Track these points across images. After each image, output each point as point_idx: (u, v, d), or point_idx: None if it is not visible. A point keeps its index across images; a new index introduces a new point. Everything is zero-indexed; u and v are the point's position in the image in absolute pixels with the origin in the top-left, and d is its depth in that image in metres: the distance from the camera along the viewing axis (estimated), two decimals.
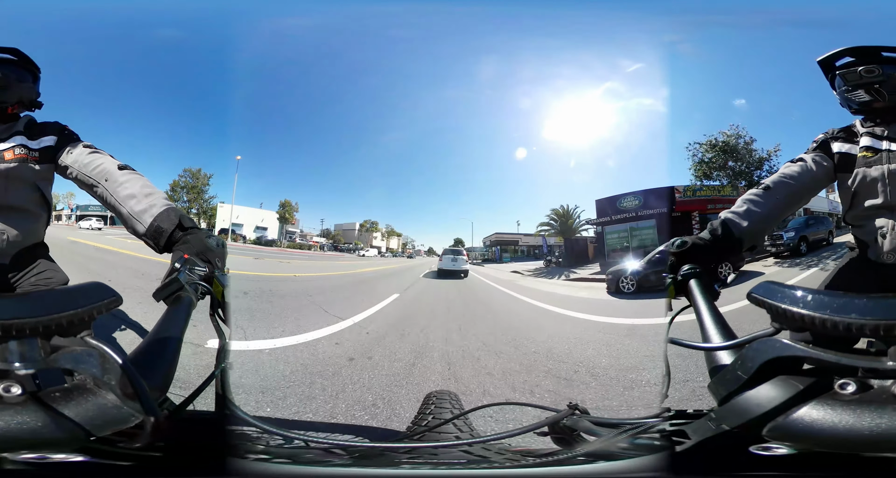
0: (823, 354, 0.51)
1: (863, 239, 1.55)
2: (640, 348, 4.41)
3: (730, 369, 0.60)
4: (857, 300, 0.49)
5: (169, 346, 0.67)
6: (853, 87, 1.48)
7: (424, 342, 4.55)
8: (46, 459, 0.51)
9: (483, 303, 8.87)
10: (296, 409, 2.56)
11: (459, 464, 0.78)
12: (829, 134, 1.57)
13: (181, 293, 0.84)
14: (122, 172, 1.36)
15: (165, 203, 1.23)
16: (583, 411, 0.92)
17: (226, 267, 1.05)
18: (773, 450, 0.55)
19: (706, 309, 0.85)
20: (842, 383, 0.50)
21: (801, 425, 0.49)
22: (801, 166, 1.49)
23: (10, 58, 1.53)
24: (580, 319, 6.52)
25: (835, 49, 1.51)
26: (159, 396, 0.61)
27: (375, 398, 2.81)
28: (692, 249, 1.10)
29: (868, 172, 1.47)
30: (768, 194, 1.39)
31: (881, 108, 1.48)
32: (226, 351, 0.82)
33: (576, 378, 3.44)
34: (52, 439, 0.46)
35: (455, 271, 15.76)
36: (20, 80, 1.55)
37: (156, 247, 1.16)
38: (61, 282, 1.61)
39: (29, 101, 1.60)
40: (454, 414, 1.26)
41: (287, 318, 5.28)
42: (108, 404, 0.50)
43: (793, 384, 0.52)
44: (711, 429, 0.60)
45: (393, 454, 0.80)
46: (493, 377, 3.43)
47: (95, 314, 0.54)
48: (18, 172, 1.49)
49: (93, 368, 0.51)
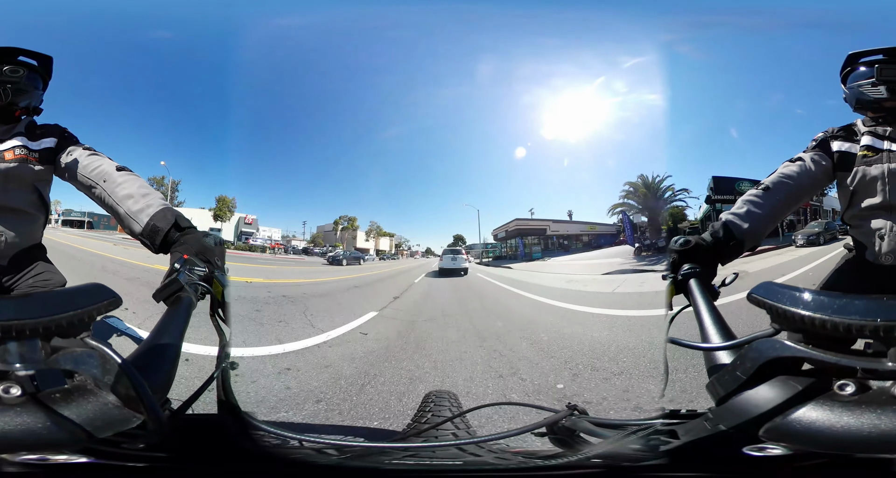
0: (823, 355, 0.51)
1: (860, 240, 1.55)
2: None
3: (729, 369, 0.60)
4: (857, 301, 0.50)
5: (169, 347, 0.67)
6: (881, 82, 1.48)
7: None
8: (47, 460, 0.50)
9: None
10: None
11: (456, 464, 0.78)
12: (829, 133, 1.57)
13: (181, 294, 0.83)
14: (120, 173, 1.36)
15: (162, 203, 1.23)
16: (582, 411, 0.92)
17: (225, 266, 1.05)
18: (769, 451, 0.55)
19: (706, 309, 0.85)
20: (841, 383, 0.50)
21: (800, 426, 0.49)
22: (800, 166, 1.49)
23: (33, 63, 1.55)
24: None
25: (869, 47, 1.53)
26: (160, 397, 0.61)
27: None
28: (694, 248, 1.10)
29: (868, 171, 1.47)
30: (768, 195, 1.38)
31: (891, 107, 1.48)
32: (226, 352, 0.82)
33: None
34: (53, 440, 0.46)
35: (455, 269, 16.09)
36: (36, 87, 1.57)
37: (152, 247, 1.16)
38: (59, 283, 1.61)
39: (34, 107, 1.61)
40: (452, 414, 1.26)
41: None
42: (109, 404, 0.49)
43: (792, 385, 0.52)
44: (707, 429, 0.61)
45: (391, 454, 0.80)
46: None
47: (95, 315, 0.54)
48: (18, 172, 1.49)
49: (93, 368, 0.51)
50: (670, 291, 1.03)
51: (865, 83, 1.51)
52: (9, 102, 1.49)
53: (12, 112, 1.54)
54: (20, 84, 1.50)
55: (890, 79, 1.46)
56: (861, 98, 1.53)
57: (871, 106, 1.52)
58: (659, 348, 3.70)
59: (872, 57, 1.51)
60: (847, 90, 1.58)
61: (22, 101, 1.53)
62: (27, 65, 1.53)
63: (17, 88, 1.49)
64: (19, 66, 1.51)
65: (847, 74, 1.58)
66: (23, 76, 1.50)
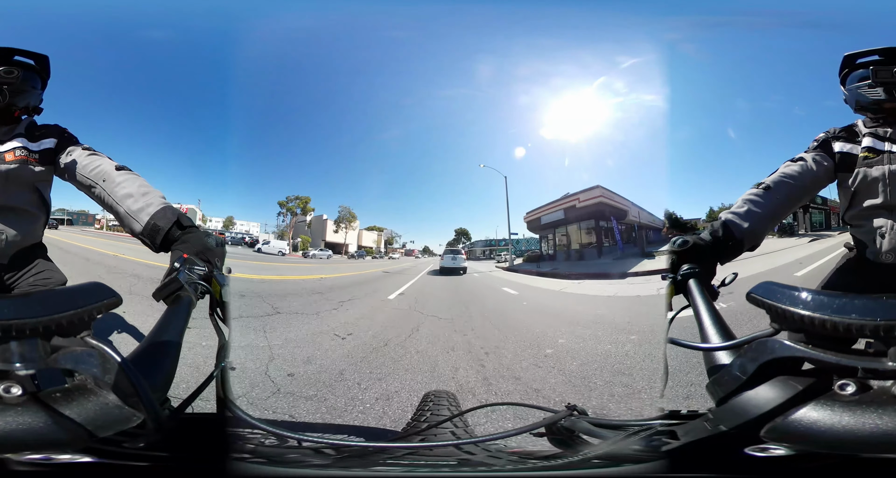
0: (823, 355, 0.51)
1: (861, 239, 1.56)
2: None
3: (728, 369, 0.60)
4: (857, 301, 0.50)
5: (169, 346, 0.67)
6: (877, 83, 1.48)
7: None
8: (51, 460, 0.50)
9: None
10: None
11: (455, 464, 0.78)
12: (830, 133, 1.57)
13: (181, 293, 0.84)
14: (120, 173, 1.36)
15: (162, 202, 1.22)
16: (581, 411, 0.92)
17: (225, 266, 1.05)
18: (770, 451, 0.55)
19: (705, 309, 0.85)
20: (841, 383, 0.50)
21: (800, 426, 0.49)
22: (802, 166, 1.49)
23: (31, 63, 1.55)
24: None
25: (863, 49, 1.53)
26: (160, 396, 0.61)
27: None
28: (693, 249, 1.10)
29: (869, 172, 1.47)
30: (769, 195, 1.38)
31: (890, 108, 1.48)
32: (225, 351, 0.82)
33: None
34: (55, 439, 0.46)
35: (455, 268, 15.82)
36: (34, 87, 1.56)
37: (152, 245, 1.15)
38: (59, 282, 1.61)
39: (33, 106, 1.61)
40: (451, 414, 1.26)
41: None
42: (110, 404, 0.49)
43: (792, 385, 0.52)
44: (708, 430, 0.60)
45: (390, 453, 0.80)
46: None
47: (95, 314, 0.54)
48: (18, 173, 1.49)
49: (93, 368, 0.51)
50: (670, 292, 1.02)
51: (863, 85, 1.51)
52: (7, 104, 1.49)
53: (12, 113, 1.54)
54: (17, 85, 1.49)
55: (886, 80, 1.46)
56: (860, 100, 1.53)
57: (871, 107, 1.52)
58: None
59: (868, 58, 1.51)
60: (846, 92, 1.58)
61: (21, 101, 1.53)
62: (23, 65, 1.53)
63: (15, 89, 1.49)
64: (14, 66, 1.50)
65: (846, 76, 1.57)
66: (19, 77, 1.49)
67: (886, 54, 1.47)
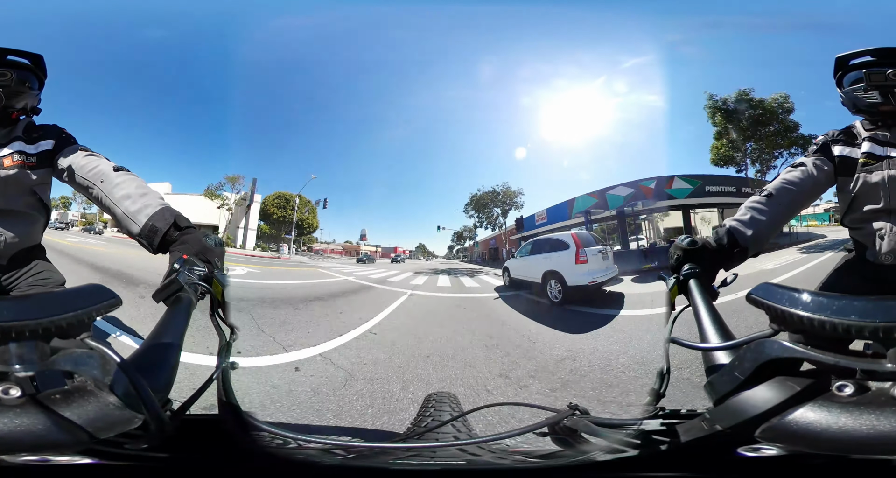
0: (822, 356, 0.51)
1: (860, 241, 1.56)
2: None
3: (727, 369, 0.60)
4: (857, 302, 0.50)
5: (170, 347, 0.66)
6: (872, 87, 1.47)
7: None
8: (49, 461, 0.50)
9: None
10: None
11: (459, 464, 0.78)
12: (829, 136, 1.57)
13: (181, 294, 0.83)
14: (118, 174, 1.35)
15: (161, 203, 1.22)
16: (583, 411, 0.92)
17: (225, 266, 1.05)
18: (762, 451, 0.55)
19: (705, 309, 0.85)
20: (839, 384, 0.50)
21: (797, 427, 0.49)
22: (803, 171, 1.49)
23: (26, 63, 1.53)
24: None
25: (855, 49, 1.50)
26: (161, 397, 0.61)
27: None
28: (700, 250, 1.10)
29: (869, 178, 1.47)
30: (771, 202, 1.38)
31: (887, 111, 1.48)
32: (226, 352, 0.82)
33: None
34: (54, 441, 0.46)
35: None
36: (31, 88, 1.55)
37: (150, 247, 1.14)
38: (58, 282, 1.61)
39: (31, 107, 1.60)
40: (453, 415, 1.26)
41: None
42: (110, 405, 0.49)
43: (790, 385, 0.52)
44: (704, 429, 0.60)
45: (393, 454, 0.80)
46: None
47: (95, 316, 0.54)
48: (17, 178, 1.48)
49: (93, 369, 0.51)
50: (673, 291, 1.02)
51: (858, 88, 1.50)
52: (3, 106, 1.48)
53: (8, 115, 1.53)
54: (11, 87, 1.48)
55: (881, 83, 1.45)
56: (857, 103, 1.52)
57: (868, 110, 1.52)
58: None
59: (861, 59, 1.50)
60: (843, 94, 1.57)
61: (17, 103, 1.52)
62: (17, 65, 1.51)
63: (9, 91, 1.48)
64: (8, 68, 1.48)
65: (840, 78, 1.56)
66: (13, 79, 1.48)
67: (878, 55, 1.46)
